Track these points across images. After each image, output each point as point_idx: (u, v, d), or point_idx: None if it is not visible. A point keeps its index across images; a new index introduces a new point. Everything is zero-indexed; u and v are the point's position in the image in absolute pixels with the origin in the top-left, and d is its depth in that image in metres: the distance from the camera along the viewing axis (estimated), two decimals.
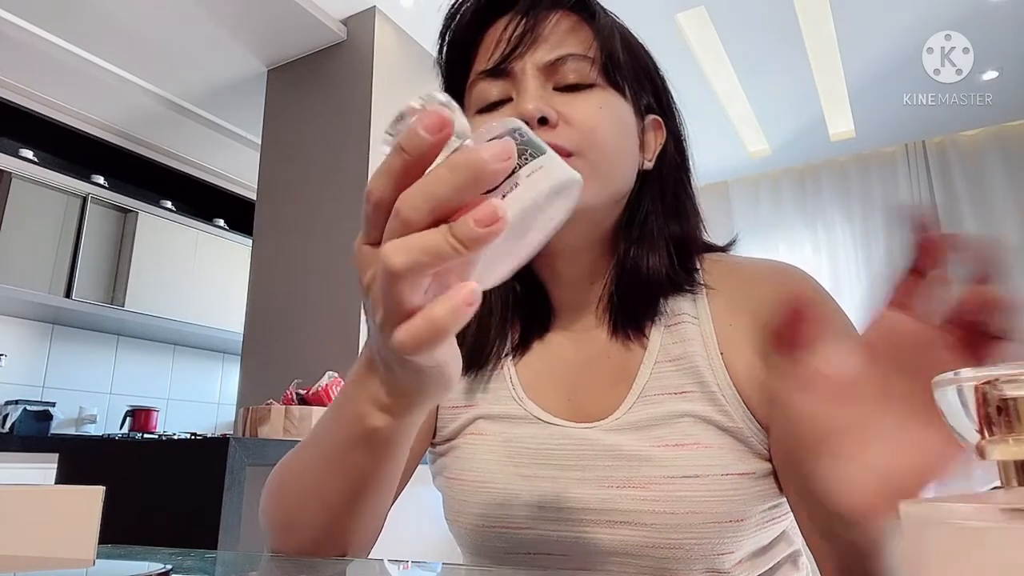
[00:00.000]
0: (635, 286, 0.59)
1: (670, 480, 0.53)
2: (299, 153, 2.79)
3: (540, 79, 0.56)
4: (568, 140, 0.54)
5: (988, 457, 0.22)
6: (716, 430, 0.55)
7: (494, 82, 0.58)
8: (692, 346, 0.58)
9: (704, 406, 0.55)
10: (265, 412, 1.80)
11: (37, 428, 2.93)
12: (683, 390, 0.56)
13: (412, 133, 0.30)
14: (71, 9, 2.65)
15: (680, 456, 0.54)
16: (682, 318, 0.60)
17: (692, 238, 0.63)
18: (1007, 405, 0.21)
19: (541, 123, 0.54)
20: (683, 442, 0.54)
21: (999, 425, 0.22)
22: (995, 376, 0.22)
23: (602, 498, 0.55)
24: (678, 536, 0.52)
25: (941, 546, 0.20)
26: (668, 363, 0.58)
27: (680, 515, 0.52)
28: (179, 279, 3.52)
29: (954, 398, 0.23)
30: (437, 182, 0.30)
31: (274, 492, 0.53)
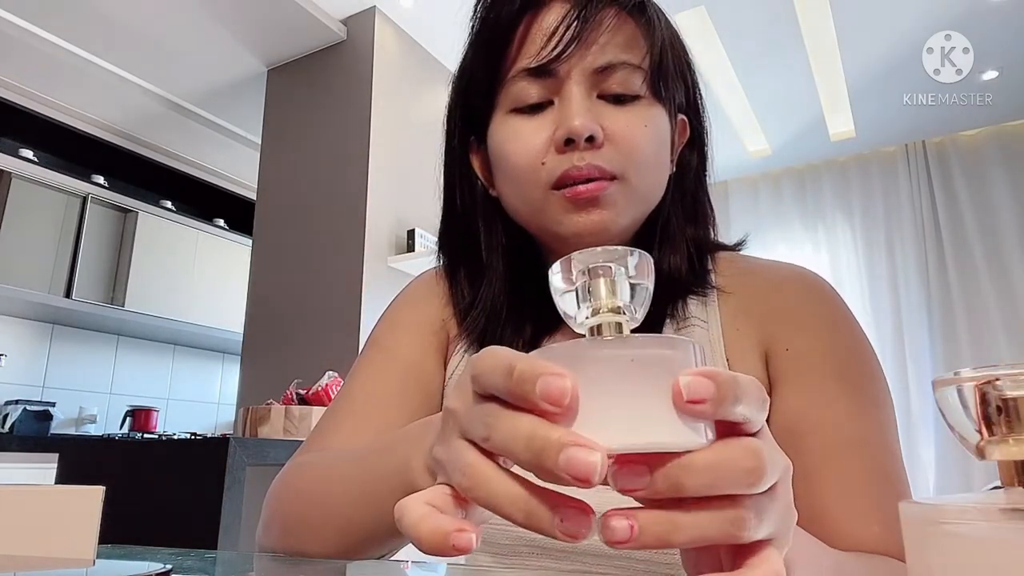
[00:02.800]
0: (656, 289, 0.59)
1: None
2: (299, 153, 2.79)
3: (586, 86, 0.54)
4: (611, 161, 0.53)
5: (988, 457, 0.22)
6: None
7: (536, 81, 0.55)
8: None
9: None
10: (265, 412, 1.80)
11: (37, 428, 2.93)
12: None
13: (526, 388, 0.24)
14: (71, 9, 2.65)
15: None
16: (691, 322, 0.59)
17: (707, 238, 0.62)
18: (1007, 405, 0.21)
19: (588, 141, 0.52)
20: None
21: (999, 425, 0.22)
22: (995, 376, 0.22)
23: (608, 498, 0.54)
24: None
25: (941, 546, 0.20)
26: None
27: None
28: (179, 279, 3.52)
29: (954, 398, 0.23)
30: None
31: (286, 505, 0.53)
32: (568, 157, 0.53)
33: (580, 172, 0.52)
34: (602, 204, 0.53)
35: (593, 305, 0.28)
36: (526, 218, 0.58)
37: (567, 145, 0.53)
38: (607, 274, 0.28)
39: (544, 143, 0.54)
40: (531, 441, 0.24)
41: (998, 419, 0.22)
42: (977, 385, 0.22)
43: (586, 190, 0.52)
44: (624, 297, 0.28)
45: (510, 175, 0.56)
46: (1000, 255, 3.55)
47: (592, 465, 0.23)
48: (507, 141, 0.56)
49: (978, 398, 0.22)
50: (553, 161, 0.53)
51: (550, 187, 0.54)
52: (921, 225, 3.79)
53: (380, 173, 2.58)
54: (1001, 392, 0.22)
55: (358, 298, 2.42)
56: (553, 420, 0.24)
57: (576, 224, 0.53)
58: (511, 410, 0.25)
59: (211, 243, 3.72)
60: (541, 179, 0.54)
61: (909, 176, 3.88)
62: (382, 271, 2.52)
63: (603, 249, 0.28)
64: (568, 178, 0.53)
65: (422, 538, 0.25)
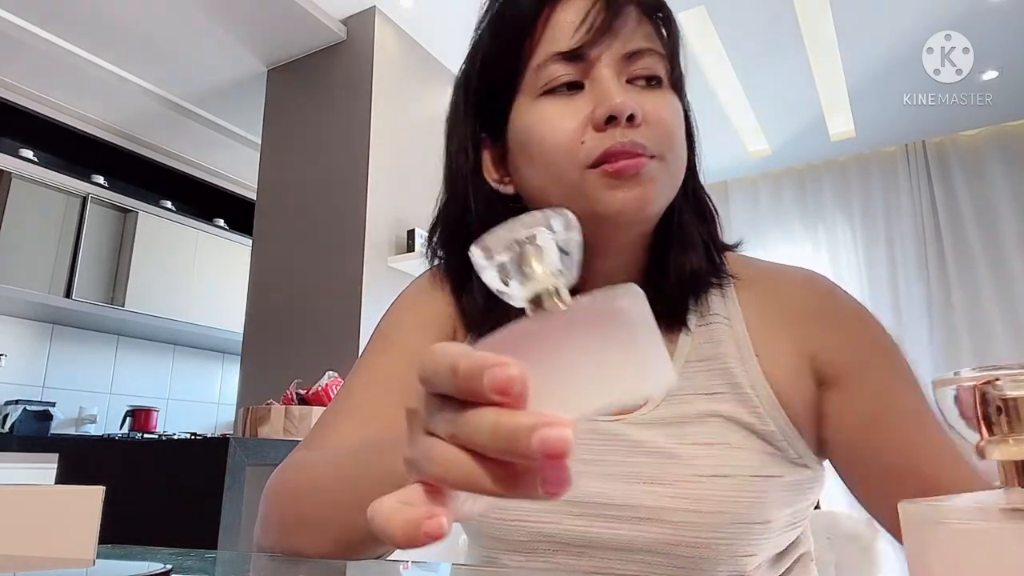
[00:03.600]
0: (678, 282, 0.59)
1: (697, 479, 0.53)
2: (299, 153, 2.79)
3: (615, 70, 0.55)
4: (650, 140, 0.53)
5: (988, 457, 0.22)
6: (746, 432, 0.54)
7: (567, 65, 0.55)
8: (724, 347, 0.58)
9: (735, 407, 0.55)
10: (265, 412, 1.80)
11: (37, 428, 2.93)
12: (713, 391, 0.56)
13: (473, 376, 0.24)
14: (71, 9, 2.65)
15: (708, 455, 0.53)
16: (713, 319, 0.59)
17: (716, 234, 0.63)
18: (1007, 405, 0.21)
19: (628, 120, 0.52)
20: (712, 441, 0.54)
21: (999, 425, 0.22)
22: (995, 376, 0.22)
23: (628, 493, 0.54)
24: (704, 535, 0.52)
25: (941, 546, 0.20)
26: (699, 363, 0.58)
27: (706, 514, 0.52)
28: (179, 279, 3.52)
29: (954, 398, 0.23)
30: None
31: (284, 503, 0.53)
32: (609, 135, 0.53)
33: (623, 148, 0.52)
34: (643, 180, 0.53)
35: (527, 276, 0.28)
36: (557, 203, 0.56)
37: (607, 124, 0.53)
38: (532, 241, 0.28)
39: (581, 123, 0.54)
40: (497, 430, 0.24)
41: (998, 419, 0.22)
42: (977, 385, 0.22)
43: (629, 164, 0.52)
44: (554, 261, 0.28)
45: (544, 157, 0.56)
46: (1000, 255, 3.55)
47: (566, 440, 0.23)
48: (540, 122, 0.56)
49: (978, 398, 0.22)
50: (593, 140, 0.53)
51: (588, 166, 0.53)
52: (921, 225, 3.79)
53: (380, 173, 2.58)
54: (1001, 392, 0.22)
55: (358, 298, 2.42)
56: (510, 407, 0.24)
57: (617, 200, 0.53)
58: (468, 406, 0.25)
59: (211, 243, 3.72)
60: (579, 158, 0.53)
61: (909, 176, 3.88)
62: (382, 271, 2.52)
63: (520, 217, 0.28)
64: (610, 155, 0.52)
65: (396, 532, 0.25)
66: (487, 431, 0.24)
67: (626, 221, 0.54)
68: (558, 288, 0.27)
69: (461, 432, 0.25)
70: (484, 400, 0.25)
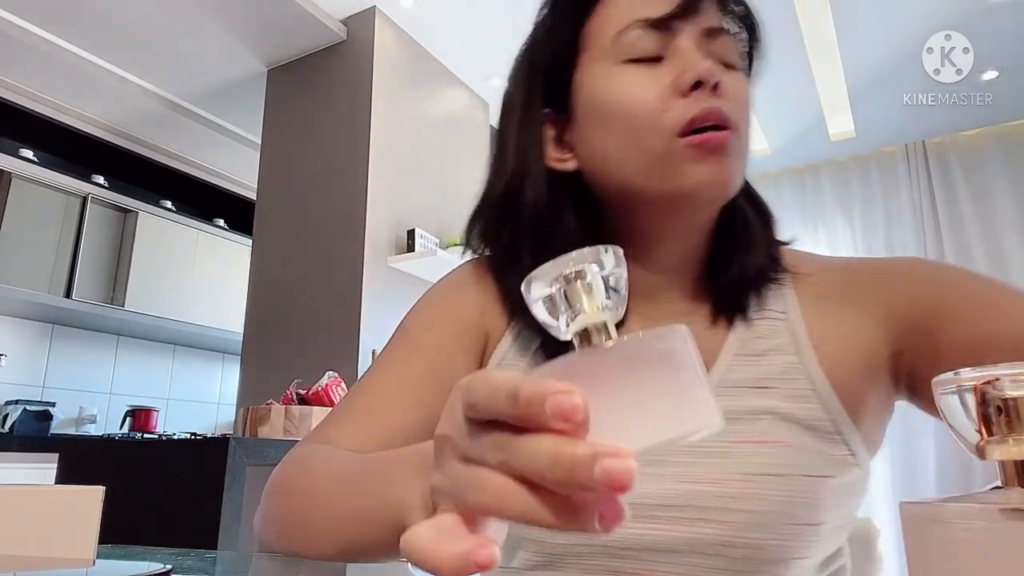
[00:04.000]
0: (739, 279, 0.58)
1: (750, 478, 0.51)
2: (299, 153, 2.79)
3: (695, 43, 0.54)
4: (731, 111, 0.52)
5: (988, 457, 0.22)
6: (800, 429, 0.53)
7: (651, 34, 0.54)
8: (778, 341, 0.56)
9: (788, 404, 0.53)
10: (265, 412, 1.80)
11: (37, 428, 2.93)
12: (765, 385, 0.55)
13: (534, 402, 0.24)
14: (71, 9, 2.65)
15: (761, 453, 0.52)
16: (766, 313, 0.58)
17: (773, 229, 0.62)
18: (1007, 405, 0.21)
19: (713, 89, 0.52)
20: (765, 439, 0.52)
21: (999, 425, 0.22)
22: (995, 376, 0.22)
23: (679, 493, 0.52)
24: (757, 536, 0.50)
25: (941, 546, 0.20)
26: (749, 357, 0.56)
27: (759, 514, 0.50)
28: (179, 279, 3.51)
29: (954, 398, 0.23)
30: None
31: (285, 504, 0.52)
32: (695, 100, 0.52)
33: (711, 114, 0.51)
34: (728, 154, 0.52)
35: (574, 311, 0.28)
36: (631, 176, 0.55)
37: (692, 89, 0.52)
38: (582, 276, 0.28)
39: (665, 90, 0.53)
40: (558, 459, 0.23)
41: (998, 419, 0.22)
42: (977, 385, 0.22)
43: (718, 137, 0.51)
44: (602, 296, 0.28)
45: (624, 125, 0.54)
46: (1000, 255, 3.55)
47: (629, 472, 0.22)
48: (621, 89, 0.54)
49: (978, 398, 0.22)
50: (678, 106, 0.52)
51: (675, 134, 0.52)
52: (921, 225, 3.79)
53: (380, 173, 2.58)
54: (1001, 392, 0.22)
55: (358, 298, 2.42)
56: (569, 436, 0.24)
57: (702, 174, 0.51)
58: (524, 433, 0.24)
59: (211, 243, 3.72)
60: (664, 126, 0.52)
61: (909, 176, 3.88)
62: (382, 271, 2.52)
63: (569, 253, 0.28)
64: (698, 121, 0.51)
65: (442, 563, 0.24)
66: (546, 460, 0.23)
67: (707, 198, 0.53)
68: (606, 324, 0.27)
69: (516, 460, 0.24)
70: (543, 428, 0.24)
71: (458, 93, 3.17)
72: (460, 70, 3.13)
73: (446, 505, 0.27)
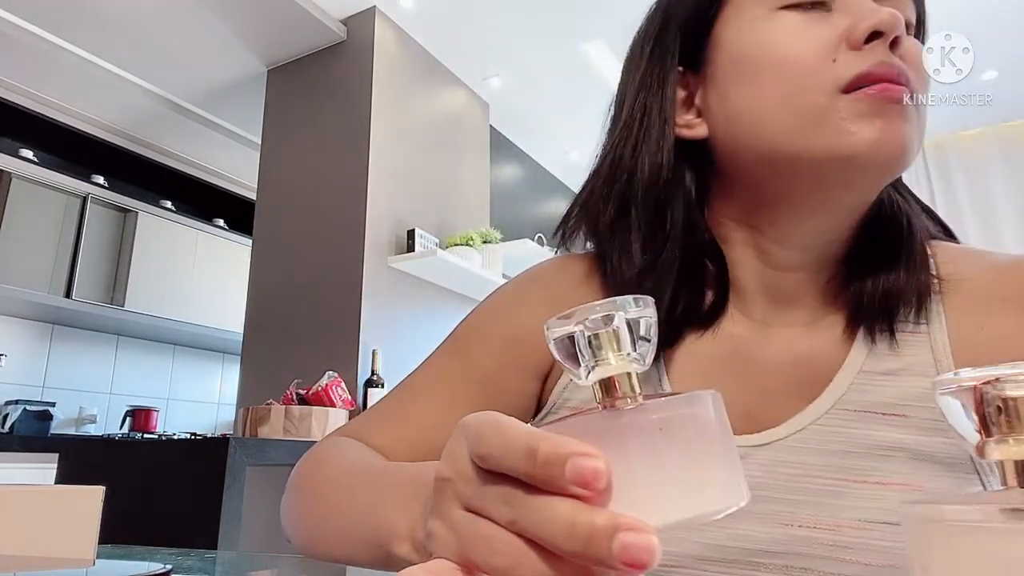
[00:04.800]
0: (890, 288, 0.48)
1: (867, 525, 0.44)
2: (299, 153, 2.79)
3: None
4: (912, 77, 0.44)
5: (988, 457, 0.22)
6: (937, 468, 0.44)
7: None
8: (914, 360, 0.47)
9: (923, 436, 0.45)
10: (265, 412, 1.80)
11: (37, 428, 2.92)
12: (896, 412, 0.46)
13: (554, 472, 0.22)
14: (71, 9, 2.65)
15: (880, 496, 0.44)
16: (903, 325, 0.49)
17: (926, 230, 0.52)
18: (1007, 405, 0.21)
19: (892, 43, 0.43)
20: (887, 480, 0.44)
21: (999, 425, 0.22)
22: (995, 376, 0.22)
23: (779, 539, 0.45)
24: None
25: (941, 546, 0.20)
26: (879, 375, 0.47)
27: (878, 568, 0.43)
28: (179, 279, 3.51)
29: (954, 398, 0.23)
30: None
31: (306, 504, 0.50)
32: (869, 52, 0.43)
33: (888, 70, 0.42)
34: (905, 115, 0.43)
35: (598, 358, 0.26)
36: (781, 139, 0.45)
37: (867, 42, 0.43)
38: (608, 324, 0.26)
39: (833, 39, 0.44)
40: (574, 528, 0.21)
41: (998, 419, 0.22)
42: (977, 385, 0.22)
43: (894, 88, 0.42)
44: (628, 345, 0.26)
45: (780, 77, 0.45)
46: None
47: (651, 550, 0.21)
48: (779, 37, 0.45)
49: (978, 398, 0.22)
50: (848, 58, 0.43)
51: (839, 89, 0.43)
52: None
53: (380, 173, 2.58)
54: (1001, 392, 0.22)
55: (358, 298, 2.42)
56: (587, 502, 0.22)
57: (875, 130, 0.42)
58: (539, 493, 0.23)
59: (211, 243, 3.72)
60: (829, 79, 0.43)
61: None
62: (382, 271, 2.52)
63: (600, 301, 0.26)
64: (871, 77, 0.42)
65: None
66: (562, 526, 0.22)
67: (877, 163, 0.43)
68: (630, 375, 0.26)
69: (528, 521, 0.23)
70: (560, 491, 0.22)
71: (458, 93, 3.17)
72: (460, 70, 3.13)
73: (442, 551, 0.26)
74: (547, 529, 0.22)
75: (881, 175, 0.45)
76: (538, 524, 0.22)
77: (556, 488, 0.22)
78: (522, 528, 0.23)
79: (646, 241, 0.51)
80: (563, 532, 0.22)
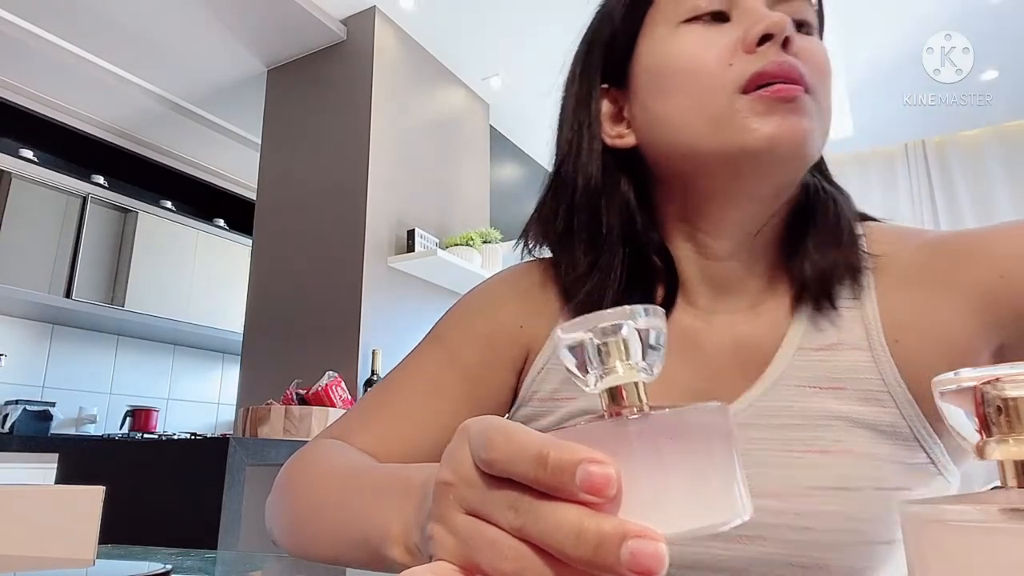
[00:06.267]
0: (827, 266, 0.51)
1: (813, 491, 0.46)
2: (299, 153, 2.79)
3: (766, 3, 0.50)
4: (806, 71, 0.47)
5: (988, 457, 0.22)
6: (873, 435, 0.47)
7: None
8: (848, 334, 0.50)
9: (859, 406, 0.48)
10: (265, 412, 1.80)
11: (37, 428, 2.93)
12: (834, 384, 0.49)
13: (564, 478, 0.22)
14: (71, 9, 2.65)
15: (825, 464, 0.47)
16: (836, 301, 0.52)
17: (854, 212, 0.55)
18: (1007, 405, 0.21)
19: (784, 43, 0.47)
20: (829, 448, 0.47)
21: (999, 425, 0.22)
22: (995, 376, 0.22)
23: None
24: (820, 555, 0.46)
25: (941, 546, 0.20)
26: (814, 351, 0.50)
27: (824, 532, 0.46)
28: (179, 279, 3.52)
29: (954, 398, 0.23)
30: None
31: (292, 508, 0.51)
32: (762, 54, 0.47)
33: (779, 68, 0.46)
34: (800, 109, 0.46)
35: (606, 367, 0.26)
36: (694, 140, 0.49)
37: (760, 45, 0.47)
38: (617, 332, 0.26)
39: (729, 47, 0.48)
40: (582, 535, 0.21)
41: (998, 419, 0.22)
42: (977, 385, 0.22)
43: (786, 88, 0.46)
44: (638, 354, 0.26)
45: (686, 85, 0.49)
46: None
47: (660, 558, 0.21)
48: (682, 49, 0.50)
49: (978, 398, 0.22)
50: (743, 61, 0.47)
51: (738, 90, 0.47)
52: (921, 225, 3.79)
53: (380, 173, 2.58)
54: (1001, 392, 0.22)
55: (358, 298, 2.42)
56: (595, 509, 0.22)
57: (770, 127, 0.46)
58: (546, 499, 0.23)
59: (211, 243, 3.72)
60: (728, 82, 0.47)
61: (909, 176, 3.88)
62: (382, 271, 2.52)
63: (612, 311, 0.26)
64: (764, 75, 0.46)
65: None
66: (570, 533, 0.22)
67: (779, 156, 0.46)
68: (638, 385, 0.26)
69: (535, 528, 0.23)
70: (569, 497, 0.22)
71: (458, 93, 3.17)
72: (460, 70, 3.13)
73: (443, 555, 0.26)
74: (555, 536, 0.22)
75: (786, 166, 0.49)
76: (546, 530, 0.22)
77: (565, 494, 0.22)
78: (529, 534, 0.23)
79: (587, 246, 0.56)
80: (571, 539, 0.22)
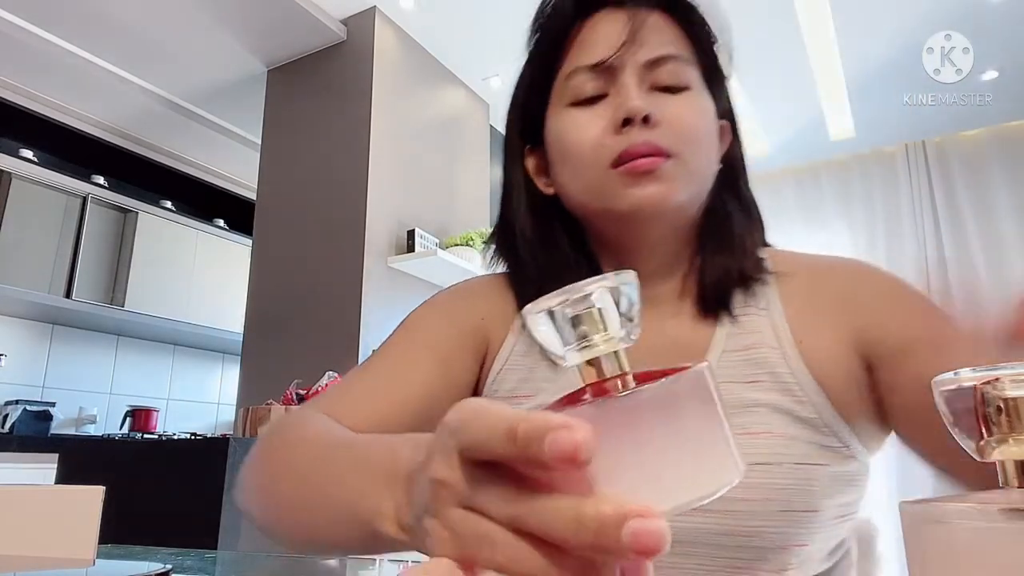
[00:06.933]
0: (714, 280, 0.61)
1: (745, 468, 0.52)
2: (299, 153, 2.79)
3: (638, 78, 0.58)
4: (665, 139, 0.56)
5: (988, 457, 0.22)
6: (790, 419, 0.55)
7: (593, 76, 0.59)
8: (761, 336, 0.59)
9: (776, 395, 0.56)
10: (265, 412, 1.80)
11: (37, 428, 2.92)
12: (753, 379, 0.57)
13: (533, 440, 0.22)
14: (71, 9, 2.65)
15: (751, 444, 0.54)
16: (748, 309, 0.61)
17: (762, 232, 0.66)
18: (1007, 405, 0.21)
19: (644, 121, 0.56)
20: (754, 431, 0.55)
21: (999, 425, 0.22)
22: (995, 376, 0.22)
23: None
24: (754, 523, 0.52)
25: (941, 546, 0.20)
26: (735, 353, 0.59)
27: (755, 502, 0.52)
28: (179, 279, 3.51)
29: (954, 398, 0.23)
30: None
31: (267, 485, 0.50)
32: (626, 136, 0.56)
33: (637, 148, 0.56)
34: (658, 178, 0.56)
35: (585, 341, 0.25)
36: (585, 201, 0.61)
37: (624, 126, 0.56)
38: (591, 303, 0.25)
39: (604, 127, 0.58)
40: (582, 521, 0.22)
41: (998, 419, 0.22)
42: (977, 385, 0.22)
43: (643, 163, 0.56)
44: (615, 324, 0.26)
45: (571, 160, 0.60)
46: (999, 255, 3.55)
47: (660, 534, 0.21)
48: (568, 129, 0.60)
49: (978, 398, 0.22)
50: (612, 141, 0.57)
51: (609, 166, 0.57)
52: (921, 225, 3.79)
53: (380, 173, 2.58)
54: (1001, 392, 0.22)
55: (358, 298, 2.42)
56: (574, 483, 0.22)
57: (633, 197, 0.56)
58: (538, 491, 0.23)
59: (211, 243, 3.72)
60: (601, 159, 0.57)
61: (909, 176, 3.88)
62: (382, 271, 2.52)
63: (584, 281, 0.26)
64: (627, 155, 0.56)
65: None
66: (568, 521, 0.22)
67: (645, 217, 0.57)
68: (617, 353, 0.25)
69: (532, 520, 0.23)
70: (542, 468, 0.22)
71: (458, 93, 3.17)
72: (460, 70, 3.13)
73: (441, 551, 0.26)
74: (553, 525, 0.22)
75: (655, 222, 0.59)
76: (543, 522, 0.23)
77: (541, 466, 0.22)
78: (525, 525, 0.23)
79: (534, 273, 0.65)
80: (571, 527, 0.22)
